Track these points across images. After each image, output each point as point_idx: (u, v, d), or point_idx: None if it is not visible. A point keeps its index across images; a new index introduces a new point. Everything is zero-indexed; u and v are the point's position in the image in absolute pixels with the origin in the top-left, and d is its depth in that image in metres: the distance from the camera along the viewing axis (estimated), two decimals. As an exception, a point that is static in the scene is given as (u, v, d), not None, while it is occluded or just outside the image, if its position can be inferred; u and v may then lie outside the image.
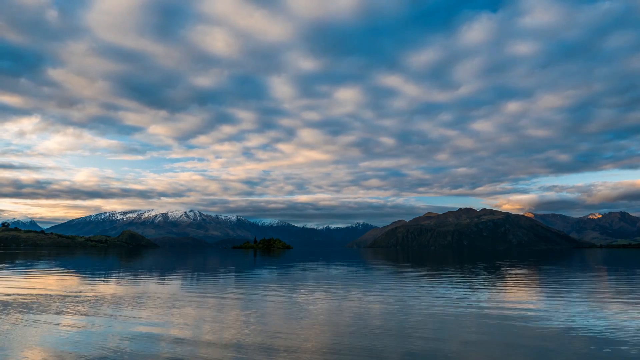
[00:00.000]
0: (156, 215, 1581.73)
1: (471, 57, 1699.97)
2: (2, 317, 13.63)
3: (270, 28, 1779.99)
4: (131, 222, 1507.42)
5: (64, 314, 14.45)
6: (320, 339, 10.75)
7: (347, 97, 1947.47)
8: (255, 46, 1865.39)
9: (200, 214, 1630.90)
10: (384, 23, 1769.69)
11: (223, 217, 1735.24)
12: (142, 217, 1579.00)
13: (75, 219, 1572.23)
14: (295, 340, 10.64)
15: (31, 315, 14.10)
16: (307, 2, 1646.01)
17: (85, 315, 14.30)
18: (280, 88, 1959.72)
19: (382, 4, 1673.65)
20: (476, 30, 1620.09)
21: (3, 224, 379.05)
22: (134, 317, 13.67)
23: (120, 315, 14.07)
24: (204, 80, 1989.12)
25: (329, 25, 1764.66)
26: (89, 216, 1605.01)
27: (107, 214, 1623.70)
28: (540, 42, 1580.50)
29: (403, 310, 15.55)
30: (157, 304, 16.85)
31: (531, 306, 16.61)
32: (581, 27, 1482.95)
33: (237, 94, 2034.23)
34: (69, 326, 12.44)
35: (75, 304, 16.59)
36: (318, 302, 17.50)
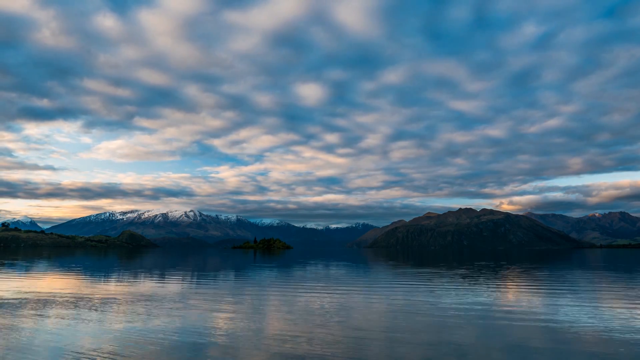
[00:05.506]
0: (156, 215, 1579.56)
1: (501, 66, 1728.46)
2: (13, 317, 13.73)
3: (316, 40, 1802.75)
4: (131, 222, 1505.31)
5: (74, 314, 14.56)
6: (332, 339, 10.84)
7: (374, 104, 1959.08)
8: (293, 54, 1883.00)
9: (200, 214, 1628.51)
10: (441, 38, 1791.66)
11: (223, 217, 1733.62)
12: (142, 217, 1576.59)
13: (75, 219, 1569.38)
14: (306, 340, 10.73)
15: (41, 315, 14.28)
16: (363, 20, 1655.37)
17: (95, 315, 14.50)
18: (308, 94, 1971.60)
19: (447, 21, 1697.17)
20: (514, 41, 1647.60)
21: (3, 224, 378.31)
22: (143, 317, 13.79)
23: (130, 316, 14.24)
24: (233, 86, 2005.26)
25: (377, 39, 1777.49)
26: (89, 216, 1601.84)
27: (107, 214, 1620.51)
28: (567, 54, 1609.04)
29: (409, 309, 15.70)
30: (165, 304, 17.00)
31: (535, 305, 16.75)
32: (607, 42, 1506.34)
33: (261, 97, 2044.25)
34: (80, 325, 12.73)
35: (84, 304, 16.75)
36: (325, 302, 17.65)
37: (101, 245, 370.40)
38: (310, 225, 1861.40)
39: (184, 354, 9.25)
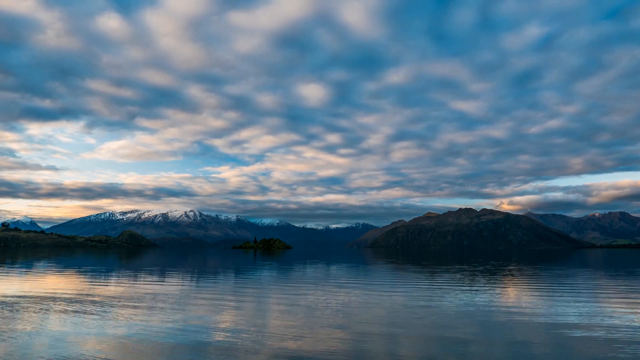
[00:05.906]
0: (156, 215, 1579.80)
1: (503, 67, 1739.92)
2: (14, 317, 13.68)
3: (320, 40, 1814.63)
4: (131, 222, 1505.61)
5: (74, 314, 14.58)
6: (333, 339, 10.87)
7: (376, 105, 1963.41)
8: (296, 55, 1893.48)
9: (200, 214, 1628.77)
10: (445, 39, 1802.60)
11: (223, 217, 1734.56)
12: (142, 217, 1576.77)
13: (75, 219, 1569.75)
14: (307, 339, 10.77)
15: (41, 316, 14.30)
16: (367, 21, 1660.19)
17: (95, 315, 14.51)
18: (311, 95, 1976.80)
19: (451, 22, 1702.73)
20: (517, 43, 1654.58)
21: (3, 224, 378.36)
22: (143, 317, 13.81)
23: (131, 315, 14.28)
24: (236, 87, 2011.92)
25: (381, 40, 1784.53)
26: (89, 216, 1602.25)
27: (107, 214, 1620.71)
28: (569, 55, 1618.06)
29: (410, 309, 15.69)
30: (165, 304, 16.98)
31: (535, 305, 16.74)
32: (609, 43, 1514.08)
33: (263, 98, 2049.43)
34: (80, 326, 12.75)
35: (84, 304, 16.72)
36: (325, 302, 17.61)
37: (101, 245, 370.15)
38: (311, 225, 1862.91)
39: (185, 355, 9.22)
